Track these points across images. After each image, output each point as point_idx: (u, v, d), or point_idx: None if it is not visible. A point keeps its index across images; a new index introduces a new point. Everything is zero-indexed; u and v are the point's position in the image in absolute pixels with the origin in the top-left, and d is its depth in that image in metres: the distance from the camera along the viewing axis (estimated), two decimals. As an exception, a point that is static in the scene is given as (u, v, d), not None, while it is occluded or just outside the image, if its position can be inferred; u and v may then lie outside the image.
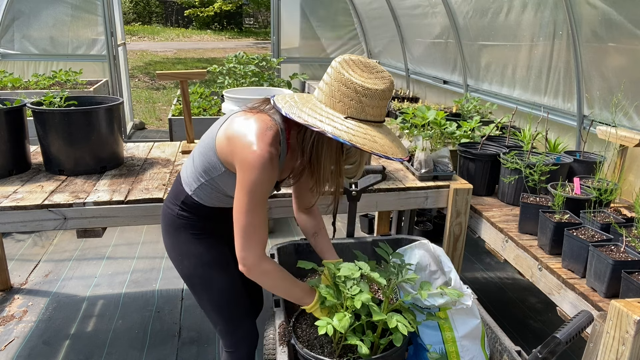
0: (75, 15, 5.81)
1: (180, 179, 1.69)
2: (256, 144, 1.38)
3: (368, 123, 1.36)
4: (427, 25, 4.96)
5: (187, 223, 1.67)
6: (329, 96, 1.37)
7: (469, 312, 1.51)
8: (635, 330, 1.33)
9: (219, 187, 1.58)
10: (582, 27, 2.91)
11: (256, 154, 1.37)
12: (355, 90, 1.33)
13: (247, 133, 1.41)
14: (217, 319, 1.74)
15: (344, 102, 1.35)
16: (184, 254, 1.69)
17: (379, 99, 1.36)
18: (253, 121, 1.44)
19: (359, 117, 1.35)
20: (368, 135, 1.33)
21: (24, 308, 3.05)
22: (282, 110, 1.38)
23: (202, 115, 4.27)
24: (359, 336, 1.38)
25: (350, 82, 1.34)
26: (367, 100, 1.34)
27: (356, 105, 1.34)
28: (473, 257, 3.83)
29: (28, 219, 2.09)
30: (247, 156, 1.38)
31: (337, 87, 1.36)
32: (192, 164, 1.64)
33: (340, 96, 1.35)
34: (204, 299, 1.73)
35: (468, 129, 3.16)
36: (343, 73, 1.35)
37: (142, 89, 11.63)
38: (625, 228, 1.88)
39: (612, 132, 2.52)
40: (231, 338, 1.75)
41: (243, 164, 1.39)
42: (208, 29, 24.65)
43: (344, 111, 1.35)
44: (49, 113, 2.35)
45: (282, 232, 4.10)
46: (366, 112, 1.35)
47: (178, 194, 1.68)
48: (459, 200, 2.45)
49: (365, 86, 1.33)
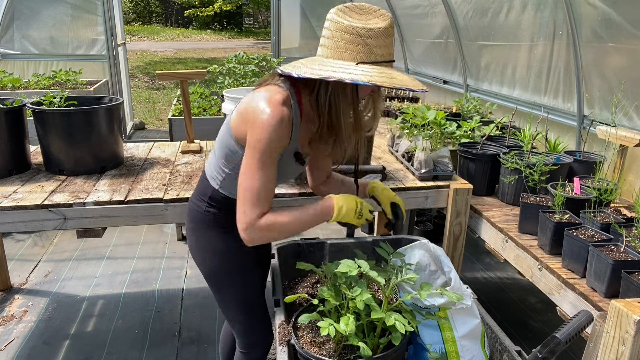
0: (75, 15, 5.81)
1: (206, 175, 1.67)
2: (267, 106, 1.38)
3: (379, 64, 1.35)
4: (427, 25, 4.96)
5: (215, 219, 1.65)
6: (334, 49, 1.36)
7: (469, 312, 1.51)
8: (635, 330, 1.33)
9: None
10: (582, 27, 2.91)
11: (266, 113, 1.37)
12: (359, 34, 1.32)
13: (257, 100, 1.41)
14: (238, 318, 1.72)
15: (351, 50, 1.34)
16: (211, 250, 1.67)
17: (384, 37, 1.34)
18: (261, 91, 1.44)
19: (370, 60, 1.34)
20: (384, 74, 1.32)
21: (24, 308, 3.05)
22: (292, 73, 1.37)
23: (202, 115, 4.27)
24: (360, 336, 1.37)
25: (351, 27, 1.32)
26: (373, 41, 1.33)
27: (363, 49, 1.33)
28: (473, 257, 3.83)
29: (28, 219, 2.09)
30: (257, 118, 1.38)
31: (339, 36, 1.34)
32: (214, 157, 1.63)
33: (345, 45, 1.34)
34: (227, 298, 1.71)
35: (468, 129, 3.16)
36: (342, 21, 1.34)
37: (142, 89, 11.63)
38: (625, 228, 1.88)
39: (612, 132, 2.52)
40: (248, 338, 1.74)
41: (254, 126, 1.39)
42: (208, 29, 24.65)
43: (353, 58, 1.34)
44: (49, 113, 2.35)
45: (282, 232, 4.09)
46: (375, 54, 1.34)
47: (205, 189, 1.66)
48: (459, 200, 2.45)
49: (367, 27, 1.32)
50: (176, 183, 2.37)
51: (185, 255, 3.74)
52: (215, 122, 3.97)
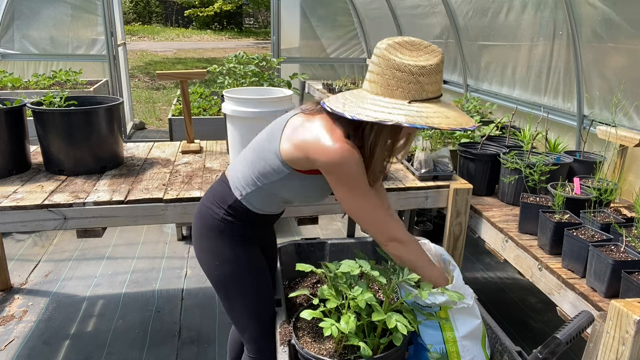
0: (75, 15, 5.81)
1: (228, 182, 1.63)
2: (330, 141, 1.36)
3: (430, 101, 1.33)
4: (427, 25, 4.96)
5: (231, 228, 1.62)
6: (385, 86, 1.34)
7: (470, 312, 1.51)
8: (635, 330, 1.33)
9: (279, 191, 1.55)
10: (582, 27, 2.91)
11: (336, 148, 1.35)
12: (411, 72, 1.30)
13: (319, 136, 1.39)
14: (248, 324, 1.70)
15: (403, 87, 1.32)
16: (224, 258, 1.64)
17: (435, 74, 1.33)
18: (319, 123, 1.43)
19: (421, 98, 1.32)
20: (438, 113, 1.31)
21: (24, 308, 3.05)
22: (345, 114, 1.34)
23: (202, 115, 4.27)
24: (360, 336, 1.37)
25: (403, 65, 1.30)
26: (425, 78, 1.31)
27: (415, 87, 1.31)
28: (473, 257, 3.83)
29: (28, 219, 2.09)
30: (329, 156, 1.36)
31: (390, 74, 1.32)
32: (246, 168, 1.58)
33: (397, 82, 1.32)
34: (238, 305, 1.69)
35: (468, 129, 3.15)
36: (393, 58, 1.32)
37: (142, 89, 11.63)
38: (625, 228, 1.88)
39: (612, 132, 2.52)
40: (259, 344, 1.72)
41: (330, 165, 1.38)
42: (208, 29, 24.64)
43: (405, 96, 1.32)
44: (49, 113, 2.35)
45: (283, 232, 4.10)
46: (427, 91, 1.33)
47: (225, 197, 1.62)
48: (459, 200, 2.45)
49: (420, 65, 1.30)
50: (176, 183, 2.37)
51: (185, 255, 3.74)
52: (215, 122, 3.96)
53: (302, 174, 1.50)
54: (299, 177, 1.51)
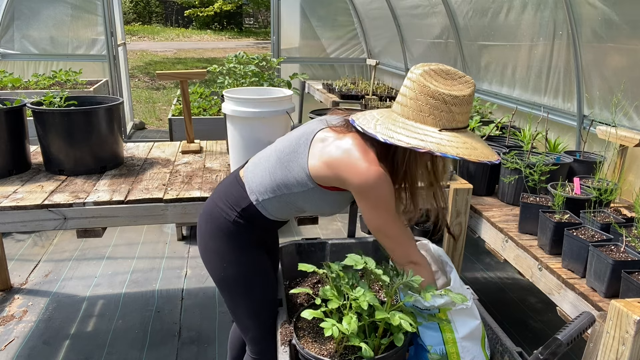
0: (75, 15, 5.81)
1: (244, 185, 1.62)
2: (365, 163, 1.37)
3: (459, 130, 1.35)
4: (427, 25, 4.96)
5: (242, 231, 1.62)
6: (417, 111, 1.35)
7: (470, 312, 1.51)
8: (635, 330, 1.33)
9: (298, 202, 1.56)
10: (582, 27, 2.91)
11: (371, 172, 1.36)
12: (445, 101, 1.32)
13: (351, 156, 1.39)
14: (251, 326, 1.71)
15: (435, 115, 1.33)
16: (230, 260, 1.64)
17: (467, 105, 1.35)
18: (351, 142, 1.43)
19: (451, 127, 1.34)
20: (467, 144, 1.32)
21: (24, 308, 3.05)
22: (377, 136, 1.35)
23: (202, 115, 4.27)
24: (361, 337, 1.37)
25: (437, 93, 1.32)
26: (457, 108, 1.33)
27: (447, 115, 1.33)
28: (473, 257, 3.83)
29: (28, 219, 2.09)
30: (360, 178, 1.37)
31: (424, 100, 1.34)
32: (266, 174, 1.58)
33: (430, 109, 1.33)
34: (242, 307, 1.69)
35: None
36: (428, 86, 1.33)
37: (142, 89, 11.63)
38: (625, 228, 1.88)
39: (612, 132, 2.52)
40: (261, 345, 1.73)
41: (360, 187, 1.38)
42: (208, 29, 24.64)
43: (436, 124, 1.33)
44: (49, 113, 2.35)
45: (283, 232, 4.09)
46: (457, 120, 1.34)
47: (239, 200, 1.61)
48: (459, 200, 2.45)
49: (453, 94, 1.32)
50: (176, 183, 2.37)
51: (185, 255, 3.74)
52: (215, 122, 3.96)
53: (325, 189, 1.50)
54: (321, 192, 1.51)
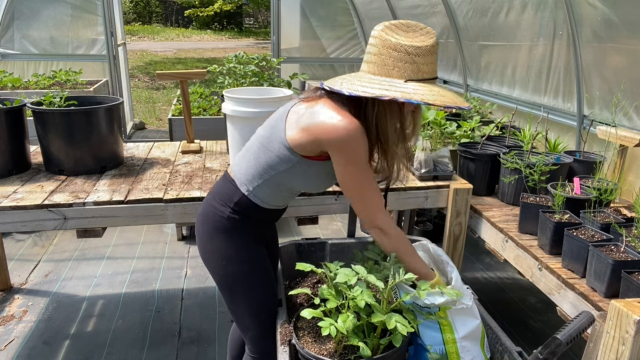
0: (75, 15, 5.81)
1: (233, 180, 1.63)
2: (340, 120, 1.38)
3: (426, 81, 1.37)
4: (427, 25, 4.95)
5: (239, 226, 1.62)
6: (381, 66, 1.37)
7: (469, 312, 1.51)
8: (635, 330, 1.33)
9: (286, 181, 1.55)
10: (582, 27, 2.91)
11: (346, 126, 1.37)
12: (407, 52, 1.34)
13: (326, 117, 1.41)
14: (252, 324, 1.70)
15: (399, 67, 1.35)
16: (229, 259, 1.63)
17: (430, 55, 1.37)
18: (322, 106, 1.45)
19: (417, 78, 1.36)
20: (434, 91, 1.34)
21: (24, 308, 3.05)
22: (342, 90, 1.37)
23: (202, 115, 4.27)
24: (360, 337, 1.37)
25: (399, 45, 1.34)
26: (420, 59, 1.35)
27: (411, 66, 1.35)
28: (473, 257, 3.83)
29: (28, 219, 2.09)
30: (339, 133, 1.38)
31: (387, 54, 1.36)
32: (251, 163, 1.58)
33: (394, 62, 1.36)
34: (242, 305, 1.68)
35: (468, 128, 3.16)
36: (390, 39, 1.36)
37: (142, 89, 11.62)
38: (625, 228, 1.88)
39: (612, 132, 2.52)
40: (261, 344, 1.72)
41: (339, 141, 1.39)
42: (208, 29, 24.64)
43: (402, 75, 1.36)
44: (49, 113, 2.35)
45: (283, 232, 4.10)
46: (422, 71, 1.36)
47: (231, 195, 1.61)
48: (459, 200, 2.45)
49: (415, 45, 1.34)
50: (176, 183, 2.37)
51: (185, 255, 3.74)
52: (215, 122, 3.96)
53: (310, 161, 1.50)
54: (306, 164, 1.51)
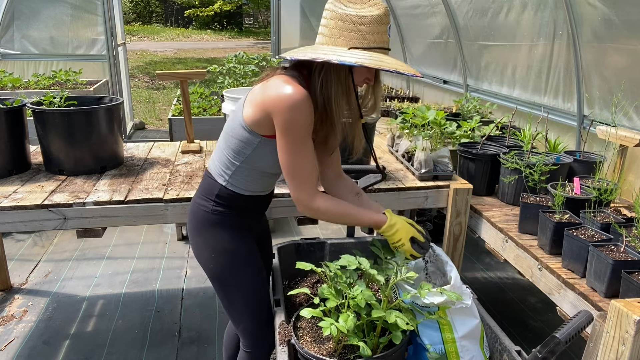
0: (75, 15, 5.81)
1: (211, 174, 1.67)
2: (287, 89, 1.41)
3: (372, 49, 1.39)
4: (427, 25, 4.96)
5: (223, 218, 1.64)
6: (329, 36, 1.42)
7: (469, 312, 1.51)
8: (635, 330, 1.33)
9: (257, 164, 1.58)
10: (582, 27, 2.91)
11: (290, 95, 1.40)
12: (352, 21, 1.38)
13: (274, 88, 1.44)
14: (244, 317, 1.72)
15: (344, 36, 1.39)
16: (218, 251, 1.65)
17: (377, 24, 1.39)
18: (274, 79, 1.48)
19: (362, 46, 1.39)
20: (374, 57, 1.36)
21: (24, 308, 3.05)
22: (286, 56, 1.42)
23: (202, 115, 4.27)
24: (360, 336, 1.38)
25: (345, 15, 1.39)
26: (366, 27, 1.38)
27: (356, 35, 1.39)
28: (473, 257, 3.83)
29: (28, 219, 2.09)
30: (281, 100, 1.41)
31: (334, 24, 1.41)
32: (222, 153, 1.62)
33: (339, 31, 1.40)
34: (233, 298, 1.70)
35: (468, 128, 3.16)
36: (337, 10, 1.41)
37: (142, 89, 11.63)
38: (625, 228, 1.88)
39: (612, 132, 2.52)
40: (254, 338, 1.73)
41: (280, 109, 1.42)
42: (208, 29, 24.64)
43: (346, 44, 1.39)
44: (49, 113, 2.35)
45: (283, 232, 4.10)
46: (368, 40, 1.39)
47: (211, 188, 1.65)
48: (459, 200, 2.45)
49: (360, 14, 1.38)
50: (176, 183, 2.37)
51: (185, 255, 3.74)
52: (215, 122, 3.97)
53: (271, 140, 1.52)
54: (270, 144, 1.53)
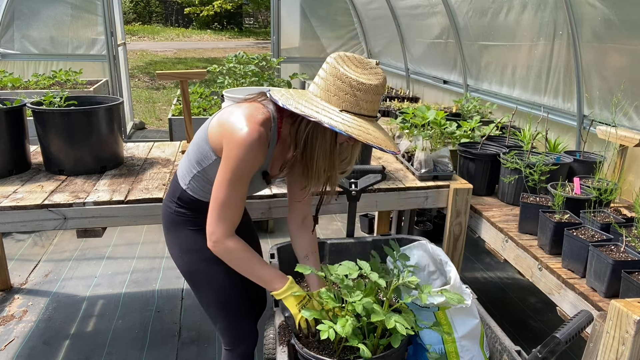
0: (75, 15, 5.81)
1: (176, 176, 1.72)
2: (245, 124, 1.42)
3: (362, 117, 1.39)
4: (427, 25, 4.96)
5: (186, 219, 1.70)
6: (325, 90, 1.41)
7: (469, 312, 1.51)
8: (635, 330, 1.33)
9: (210, 178, 1.59)
10: (582, 27, 2.91)
11: (244, 131, 1.41)
12: (350, 85, 1.37)
13: (238, 116, 1.46)
14: (217, 315, 1.75)
15: (339, 96, 1.38)
16: (185, 250, 1.71)
17: (373, 94, 1.39)
18: (245, 107, 1.49)
19: (354, 111, 1.38)
20: (362, 127, 1.36)
21: (24, 308, 3.05)
22: (278, 101, 1.41)
23: (202, 115, 4.27)
24: (360, 338, 1.37)
25: (345, 76, 1.37)
26: (362, 94, 1.37)
27: (351, 99, 1.38)
28: (473, 257, 3.83)
29: (28, 219, 2.09)
30: (235, 134, 1.42)
31: (332, 81, 1.39)
32: (187, 157, 1.67)
33: (336, 90, 1.39)
34: (205, 296, 1.74)
35: (468, 128, 3.16)
36: (338, 68, 1.39)
37: (142, 89, 11.62)
38: (625, 228, 1.88)
39: (612, 132, 2.52)
40: (231, 336, 1.75)
41: (230, 141, 1.43)
42: (208, 28, 24.64)
43: (339, 104, 1.38)
44: (49, 113, 2.35)
45: (282, 232, 4.10)
46: (360, 106, 1.39)
47: (174, 190, 1.71)
48: (459, 200, 2.45)
49: (359, 80, 1.37)
50: (176, 183, 2.37)
51: (185, 255, 3.74)
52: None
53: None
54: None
